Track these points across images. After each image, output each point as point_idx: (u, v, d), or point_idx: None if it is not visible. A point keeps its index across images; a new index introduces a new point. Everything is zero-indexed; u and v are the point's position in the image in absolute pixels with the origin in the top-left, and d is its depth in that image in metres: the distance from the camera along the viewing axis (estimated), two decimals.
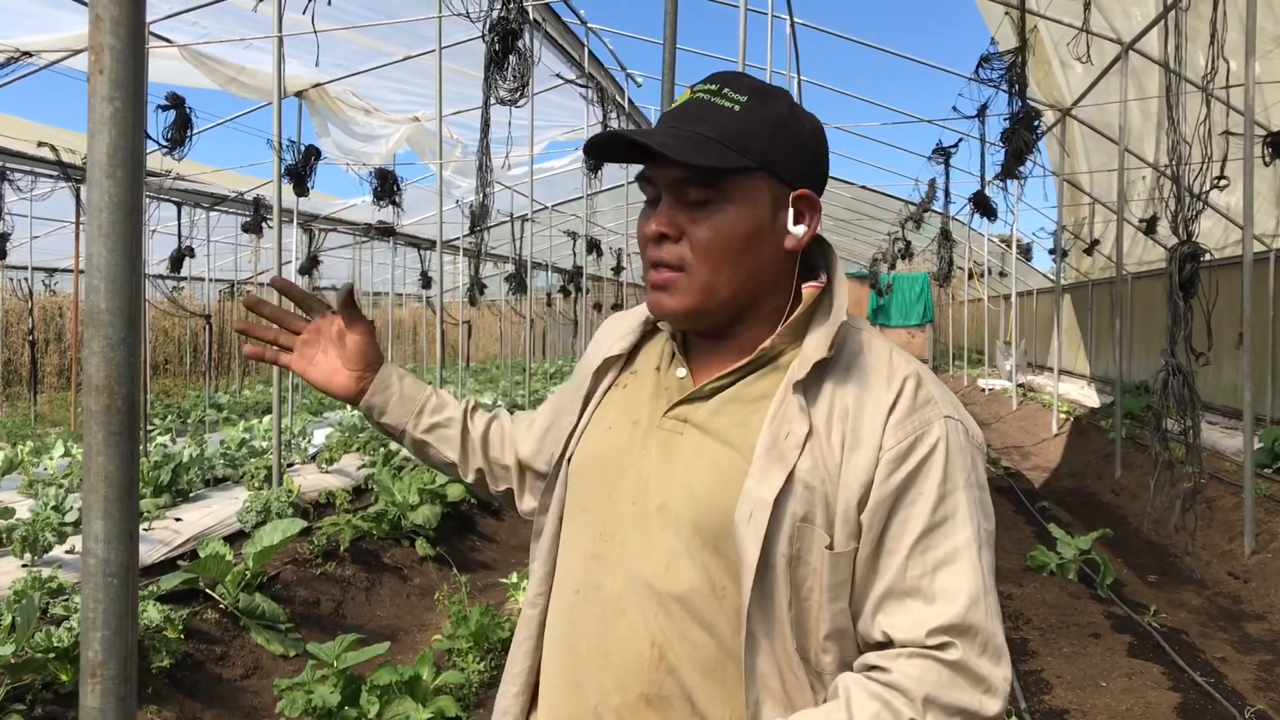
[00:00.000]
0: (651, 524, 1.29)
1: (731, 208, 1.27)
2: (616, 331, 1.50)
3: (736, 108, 1.27)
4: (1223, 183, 6.06)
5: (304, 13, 4.77)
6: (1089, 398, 17.73)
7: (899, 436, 1.22)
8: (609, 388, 1.44)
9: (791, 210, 1.30)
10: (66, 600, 4.94)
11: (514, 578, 6.15)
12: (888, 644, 1.19)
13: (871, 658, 1.19)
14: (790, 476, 1.21)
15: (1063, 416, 15.29)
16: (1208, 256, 6.42)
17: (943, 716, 1.13)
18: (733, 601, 1.24)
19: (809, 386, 1.27)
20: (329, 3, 4.74)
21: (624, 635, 1.27)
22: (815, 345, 1.28)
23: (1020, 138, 7.98)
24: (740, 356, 1.33)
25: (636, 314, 1.49)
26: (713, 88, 1.29)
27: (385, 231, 14.51)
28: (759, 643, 1.22)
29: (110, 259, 1.04)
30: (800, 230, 1.30)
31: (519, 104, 6.13)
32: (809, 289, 1.34)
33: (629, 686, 1.26)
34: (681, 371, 1.36)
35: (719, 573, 1.24)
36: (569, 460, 1.42)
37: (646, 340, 1.46)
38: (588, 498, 1.37)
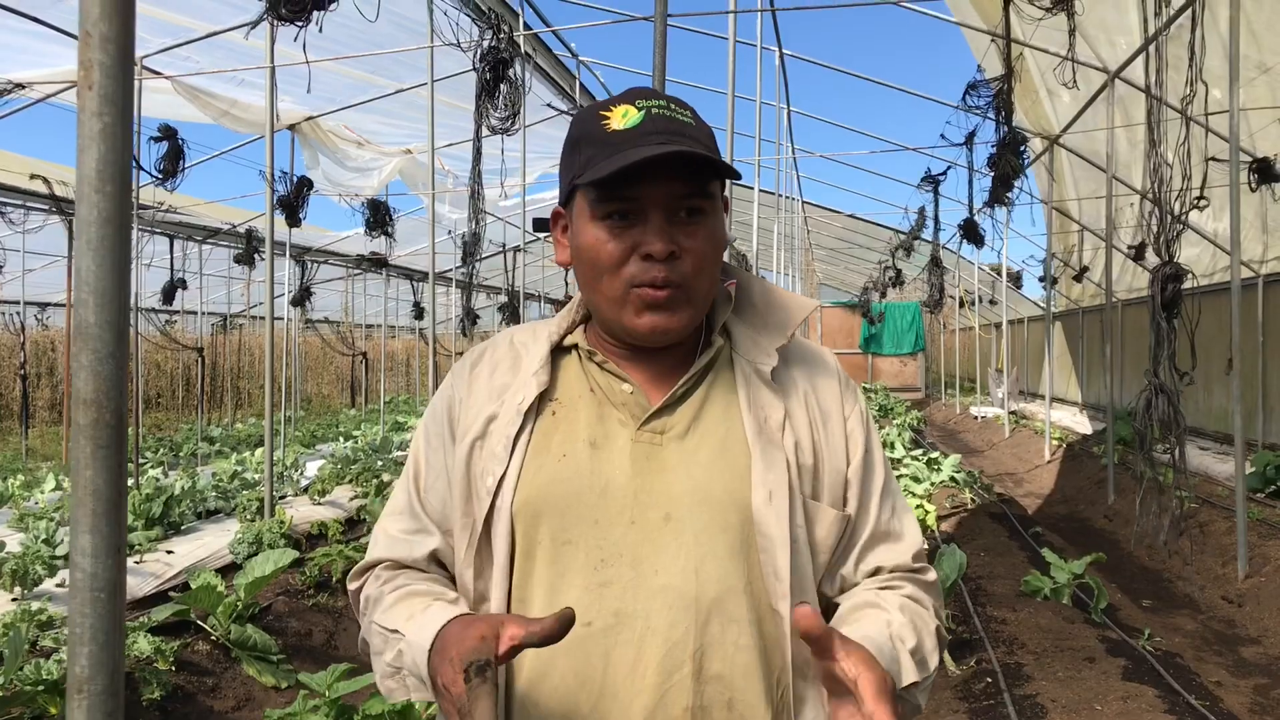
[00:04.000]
0: (662, 538, 1.28)
1: (715, 218, 1.33)
2: (517, 369, 1.42)
3: (692, 122, 1.32)
4: (1202, 203, 6.12)
5: (295, 40, 4.81)
6: (1081, 424, 17.75)
7: (849, 405, 1.44)
8: (536, 420, 1.36)
9: (727, 217, 1.40)
10: (56, 633, 4.90)
11: None
12: (876, 572, 1.41)
13: (872, 582, 1.41)
14: (787, 455, 1.32)
15: (1055, 443, 15.30)
16: (1191, 278, 6.46)
17: (934, 615, 1.38)
18: (764, 591, 1.29)
19: (774, 373, 1.38)
20: (319, 30, 4.77)
21: (661, 654, 1.25)
22: (768, 336, 1.41)
23: (1007, 163, 8.04)
24: (678, 359, 1.38)
25: (534, 347, 1.43)
26: (662, 103, 1.32)
27: (378, 262, 14.54)
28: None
29: (99, 273, 1.05)
30: (732, 235, 1.39)
31: (511, 132, 6.16)
32: (729, 286, 1.45)
33: (673, 703, 1.24)
34: (628, 386, 1.35)
35: (747, 566, 1.29)
36: (513, 503, 1.32)
37: (555, 368, 1.41)
38: (566, 530, 1.29)
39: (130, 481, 9.31)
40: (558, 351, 1.42)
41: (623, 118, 1.29)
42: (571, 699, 1.26)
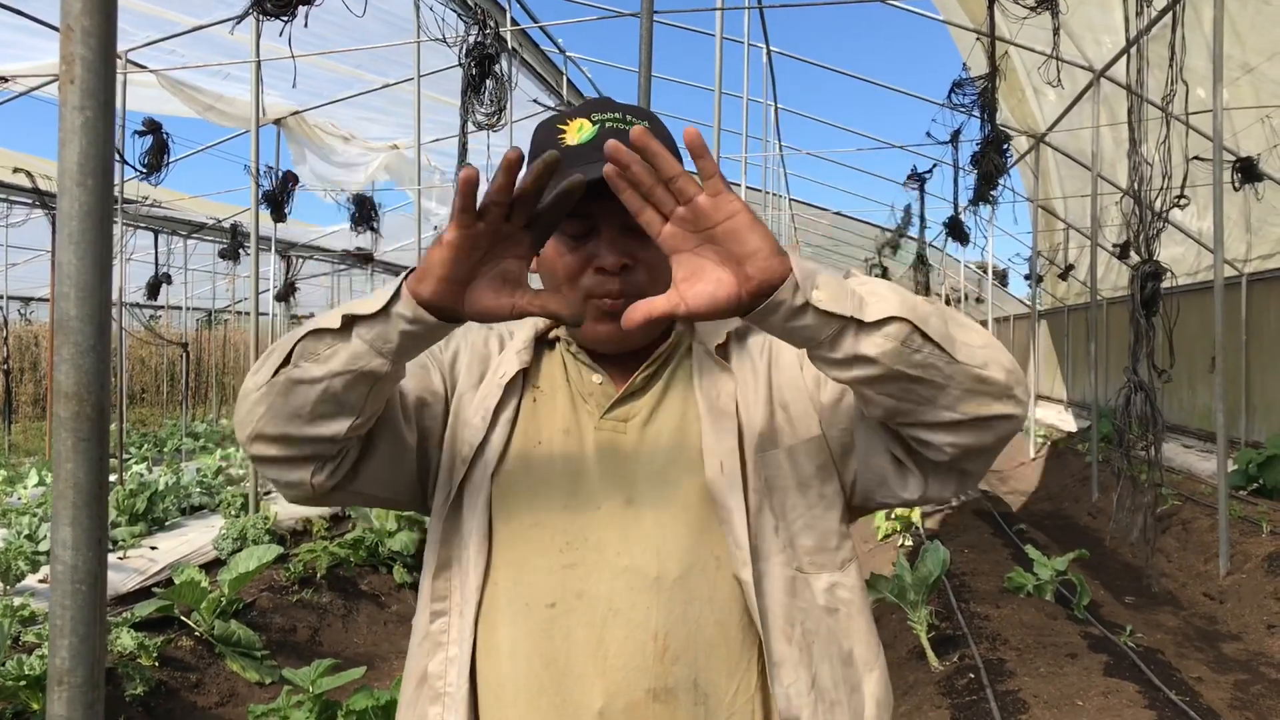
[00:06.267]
0: (625, 520, 1.31)
1: None
2: (504, 346, 1.46)
3: None
4: (1182, 201, 6.16)
5: (280, 35, 4.80)
6: (1066, 422, 17.84)
7: None
8: (519, 401, 1.41)
9: None
10: (39, 628, 4.89)
11: None
12: None
13: None
14: (739, 423, 1.34)
15: (1040, 441, 15.38)
16: (1171, 276, 6.49)
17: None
18: (728, 565, 1.29)
19: (723, 350, 1.41)
20: (305, 25, 4.76)
21: (623, 635, 1.26)
22: (725, 321, 1.37)
23: (990, 160, 8.08)
24: (647, 352, 1.40)
25: (520, 332, 1.46)
26: (616, 116, 1.35)
27: (363, 258, 14.49)
28: (765, 586, 1.29)
29: (80, 266, 1.05)
30: None
31: (496, 128, 6.16)
32: None
33: (635, 685, 1.25)
34: (598, 378, 1.39)
35: (709, 540, 1.30)
36: (493, 481, 1.35)
37: (538, 356, 1.45)
38: (536, 512, 1.33)
39: (114, 477, 9.27)
40: (543, 343, 1.46)
41: (578, 132, 1.32)
42: (536, 680, 1.28)
